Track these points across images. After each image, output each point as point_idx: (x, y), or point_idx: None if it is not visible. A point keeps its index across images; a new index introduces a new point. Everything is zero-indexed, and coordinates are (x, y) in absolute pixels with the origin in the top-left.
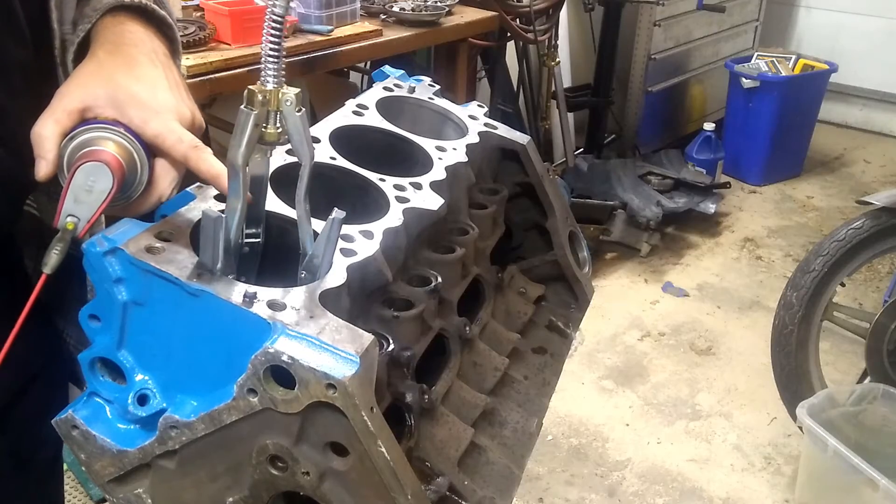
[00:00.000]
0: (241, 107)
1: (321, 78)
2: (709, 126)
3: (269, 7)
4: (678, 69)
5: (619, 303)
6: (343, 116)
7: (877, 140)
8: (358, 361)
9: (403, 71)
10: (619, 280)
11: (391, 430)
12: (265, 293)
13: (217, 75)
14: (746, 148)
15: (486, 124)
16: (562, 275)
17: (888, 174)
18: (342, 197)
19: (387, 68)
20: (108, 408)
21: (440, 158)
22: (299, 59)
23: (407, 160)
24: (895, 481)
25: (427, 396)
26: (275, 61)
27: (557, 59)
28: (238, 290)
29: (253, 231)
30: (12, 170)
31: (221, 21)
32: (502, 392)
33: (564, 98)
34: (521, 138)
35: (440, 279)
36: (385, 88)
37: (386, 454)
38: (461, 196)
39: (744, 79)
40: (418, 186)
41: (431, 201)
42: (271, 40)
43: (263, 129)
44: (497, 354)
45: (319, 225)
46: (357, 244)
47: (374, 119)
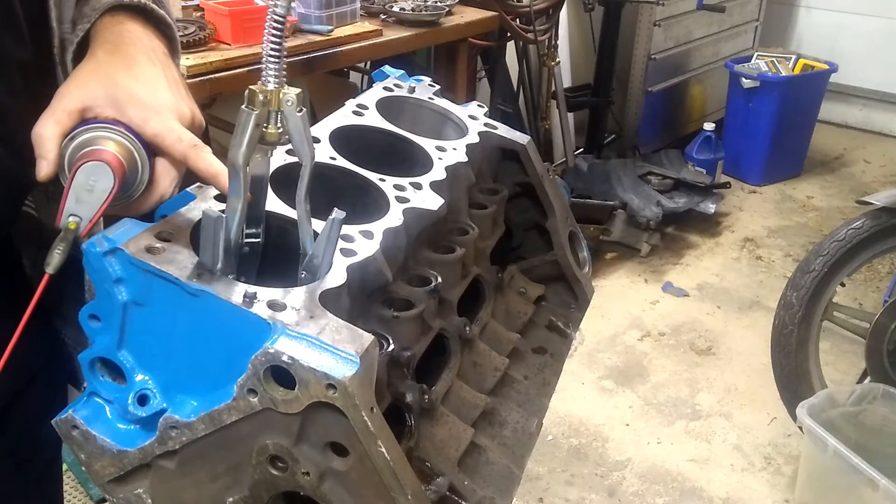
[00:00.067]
0: (242, 107)
1: (321, 78)
2: (709, 126)
3: (271, 7)
4: (678, 69)
5: (619, 303)
6: (343, 116)
7: (877, 140)
8: (358, 361)
9: (403, 71)
10: (619, 280)
11: (391, 430)
12: (265, 293)
13: (217, 75)
14: (746, 148)
15: (486, 124)
16: (562, 275)
17: (888, 174)
18: (342, 197)
19: (387, 68)
20: (108, 408)
21: (440, 158)
22: (299, 59)
23: (407, 160)
24: (895, 481)
25: (427, 396)
26: (276, 61)
27: (557, 59)
28: (238, 291)
29: (253, 231)
30: (12, 169)
31: (221, 21)
32: (502, 392)
33: (564, 98)
34: (521, 138)
35: (440, 279)
36: (385, 88)
37: (386, 454)
38: (461, 196)
39: (744, 79)
40: (418, 186)
41: (431, 201)
42: (272, 40)
43: (264, 129)
44: (497, 354)
45: (319, 225)
46: (357, 244)
47: (374, 119)
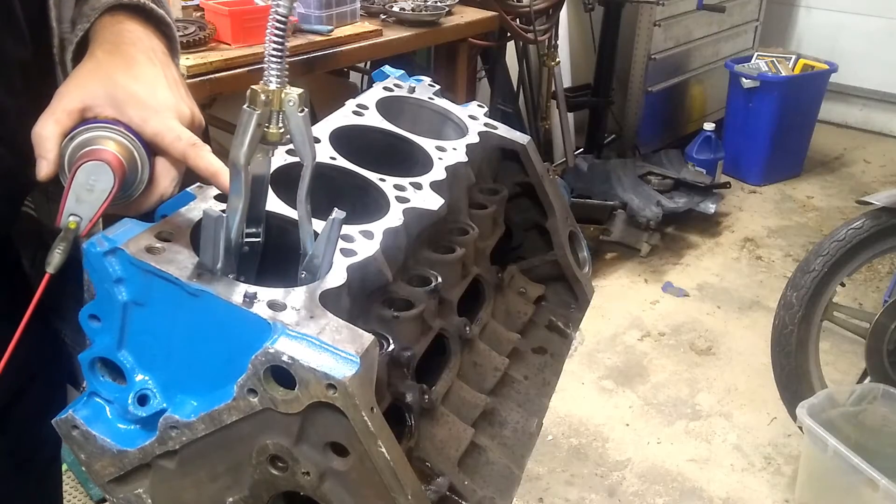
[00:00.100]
0: (244, 106)
1: (321, 78)
2: (709, 126)
3: (273, 7)
4: (678, 69)
5: (619, 303)
6: (343, 116)
7: (877, 140)
8: (358, 361)
9: (403, 71)
10: (619, 280)
11: (391, 430)
12: (265, 293)
13: (217, 75)
14: (746, 148)
15: (486, 124)
16: (562, 275)
17: (888, 174)
18: (342, 197)
19: (387, 68)
20: (109, 408)
21: (440, 158)
22: (299, 59)
23: (407, 160)
24: (895, 481)
25: (427, 396)
26: (278, 61)
27: (557, 59)
28: (238, 291)
29: (253, 230)
30: (13, 169)
31: (221, 21)
32: (502, 392)
33: (564, 98)
34: (521, 138)
35: (440, 279)
36: (385, 88)
37: (386, 454)
38: (461, 196)
39: (744, 79)
40: (418, 186)
41: (431, 201)
42: (275, 40)
43: (266, 129)
44: (497, 354)
45: (319, 225)
46: (357, 244)
47: (374, 119)
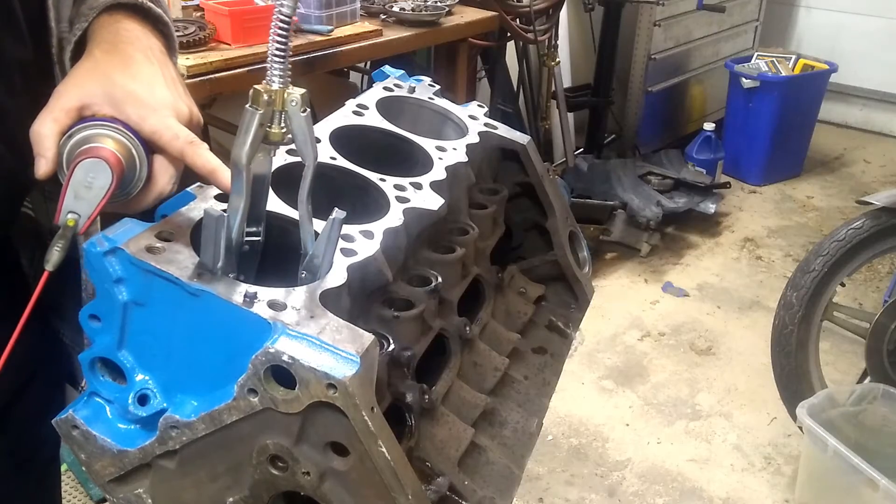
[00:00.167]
0: (247, 106)
1: (321, 78)
2: (709, 126)
3: (277, 7)
4: (678, 69)
5: (619, 303)
6: (343, 116)
7: (877, 140)
8: (358, 361)
9: (403, 71)
10: (619, 280)
11: (391, 430)
12: (266, 293)
13: (217, 75)
14: (746, 148)
15: (486, 124)
16: (562, 275)
17: (888, 174)
18: (342, 197)
19: (387, 68)
20: (109, 408)
21: (440, 158)
22: (299, 59)
23: (407, 160)
24: (895, 481)
25: (427, 396)
26: (281, 61)
27: (557, 59)
28: (238, 290)
29: (253, 230)
30: (13, 169)
31: (221, 21)
32: (502, 392)
33: (564, 98)
34: (521, 138)
35: (440, 279)
36: (385, 88)
37: (386, 454)
38: (461, 196)
39: (744, 79)
40: (418, 186)
41: (431, 201)
42: (278, 40)
43: (268, 129)
44: (497, 354)
45: (320, 225)
46: (357, 244)
47: (375, 119)
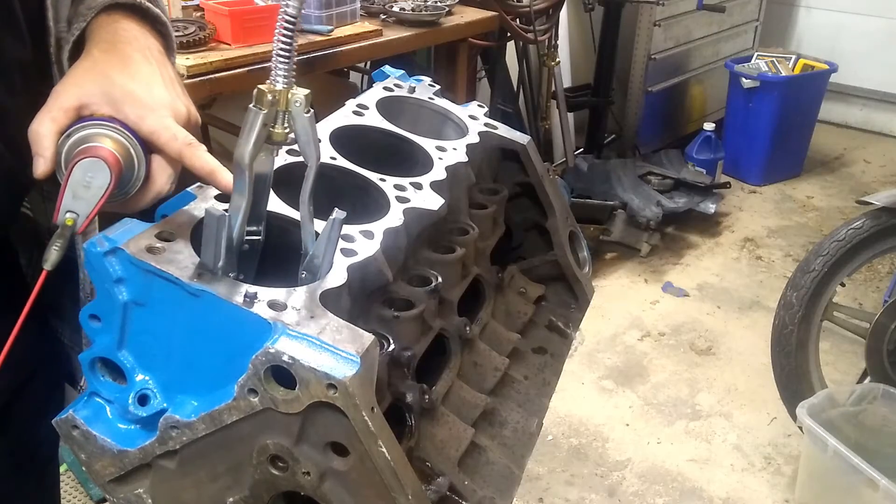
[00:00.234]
0: (250, 105)
1: (321, 78)
2: (709, 126)
3: (283, 7)
4: (678, 69)
5: (619, 303)
6: (343, 116)
7: (877, 140)
8: (358, 361)
9: (403, 71)
10: (619, 280)
11: (391, 430)
12: (266, 293)
13: (217, 75)
14: (746, 148)
15: (486, 124)
16: (562, 275)
17: (888, 174)
18: (343, 197)
19: (387, 68)
20: (109, 408)
21: (440, 158)
22: (299, 59)
23: (407, 160)
24: (895, 481)
25: (427, 396)
26: (285, 61)
27: (557, 59)
28: (239, 291)
29: (254, 229)
30: (13, 168)
31: (221, 21)
32: (502, 392)
33: (564, 98)
34: (521, 138)
35: (440, 279)
36: (385, 88)
37: (386, 454)
38: (461, 196)
39: (744, 79)
40: (418, 186)
41: (432, 201)
42: (283, 41)
43: (271, 129)
44: (497, 354)
45: (320, 225)
46: (357, 244)
47: (375, 119)
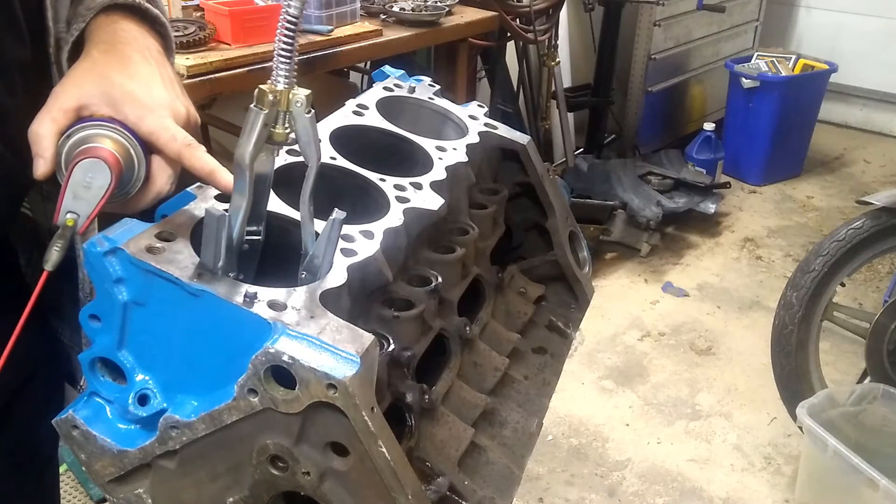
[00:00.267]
0: (251, 106)
1: (321, 78)
2: (709, 126)
3: (284, 7)
4: (678, 69)
5: (619, 303)
6: (343, 116)
7: (877, 140)
8: (358, 361)
9: (403, 71)
10: (619, 280)
11: (391, 430)
12: (266, 293)
13: (217, 75)
14: (746, 148)
15: (486, 124)
16: (562, 275)
17: (888, 174)
18: (342, 197)
19: (387, 68)
20: (109, 408)
21: (440, 158)
22: (299, 59)
23: (407, 160)
24: (895, 481)
25: (427, 396)
26: (287, 62)
27: (557, 59)
28: (239, 291)
29: (254, 229)
30: (13, 168)
31: (221, 21)
32: (502, 392)
33: (564, 98)
34: (521, 138)
35: (440, 279)
36: (385, 88)
37: (386, 454)
38: (461, 196)
39: (744, 79)
40: (418, 186)
41: (431, 201)
42: (284, 41)
43: (272, 129)
44: (497, 354)
45: (320, 225)
46: (357, 244)
47: (375, 119)
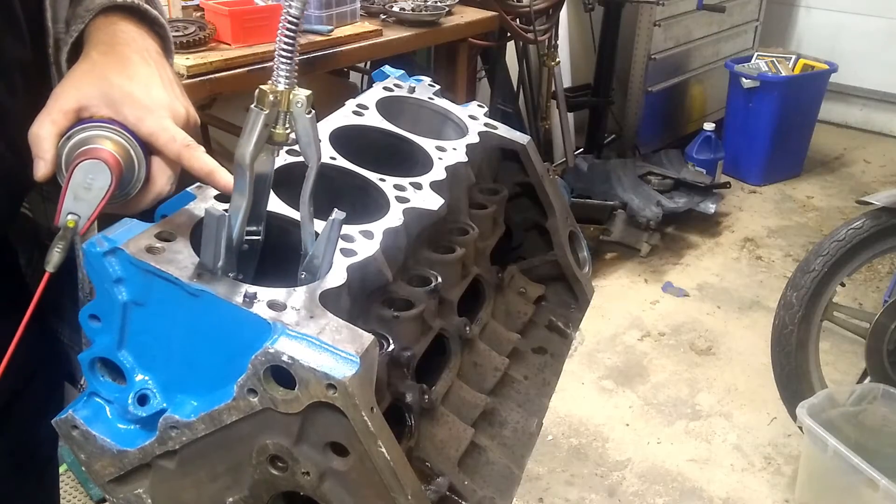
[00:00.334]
0: (252, 106)
1: (321, 78)
2: (709, 126)
3: (285, 8)
4: (678, 69)
5: (619, 303)
6: (343, 116)
7: (877, 140)
8: (358, 361)
9: (403, 71)
10: (619, 280)
11: (391, 430)
12: (265, 293)
13: (217, 75)
14: (746, 148)
15: (486, 124)
16: (562, 275)
17: (888, 174)
18: (342, 197)
19: (387, 68)
20: (109, 408)
21: (440, 158)
22: (299, 59)
23: (407, 160)
24: (895, 481)
25: (427, 396)
26: (287, 62)
27: (557, 59)
28: (238, 291)
29: (253, 229)
30: (13, 168)
31: (221, 21)
32: (502, 392)
33: (564, 98)
34: (521, 138)
35: (440, 279)
36: (385, 88)
37: (386, 454)
38: (461, 196)
39: (744, 79)
40: (418, 186)
41: (431, 201)
42: (285, 41)
43: (272, 130)
44: (497, 354)
45: (319, 225)
46: (357, 244)
47: (374, 119)
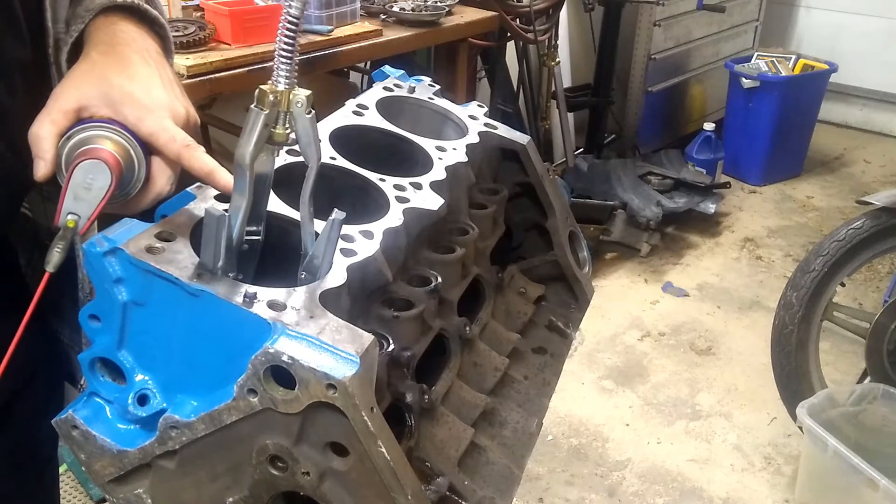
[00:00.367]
0: (252, 106)
1: (321, 78)
2: (709, 126)
3: (286, 8)
4: (678, 69)
5: (619, 303)
6: (343, 116)
7: (877, 140)
8: (358, 361)
9: (403, 71)
10: (619, 280)
11: (391, 430)
12: (265, 293)
13: (217, 75)
14: (746, 148)
15: (486, 124)
16: (562, 275)
17: (888, 174)
18: (342, 197)
19: (387, 68)
20: (108, 408)
21: (440, 158)
22: (299, 59)
23: (407, 160)
24: (895, 481)
25: (427, 396)
26: (287, 62)
27: (557, 59)
28: (238, 291)
29: (253, 229)
30: (14, 168)
31: (221, 21)
32: (502, 392)
33: (564, 98)
34: (521, 138)
35: (440, 279)
36: (385, 88)
37: (386, 454)
38: (461, 196)
39: (744, 79)
40: (418, 186)
41: (431, 201)
42: (285, 41)
43: (272, 130)
44: (497, 354)
45: (319, 225)
46: (357, 244)
47: (374, 119)
